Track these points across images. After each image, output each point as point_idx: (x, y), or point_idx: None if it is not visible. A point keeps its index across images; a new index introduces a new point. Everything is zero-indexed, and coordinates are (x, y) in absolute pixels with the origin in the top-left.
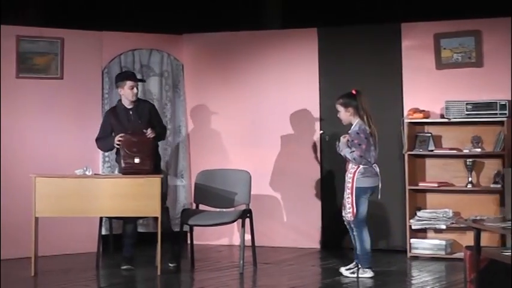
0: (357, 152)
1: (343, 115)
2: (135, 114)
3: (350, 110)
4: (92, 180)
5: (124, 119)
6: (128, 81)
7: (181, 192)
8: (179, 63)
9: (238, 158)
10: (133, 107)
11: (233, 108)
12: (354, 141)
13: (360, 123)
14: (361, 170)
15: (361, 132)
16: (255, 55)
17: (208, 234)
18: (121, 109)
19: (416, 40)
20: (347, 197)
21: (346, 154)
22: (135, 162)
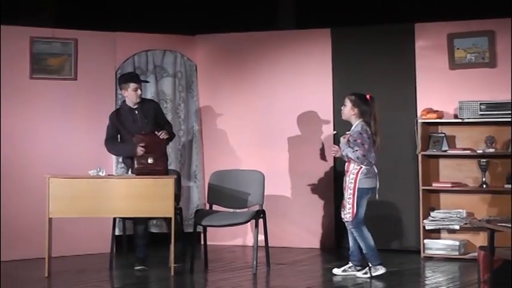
0: (360, 151)
1: (347, 111)
2: (140, 114)
3: (355, 110)
4: (105, 181)
5: (130, 120)
6: (131, 83)
7: (194, 192)
8: (192, 64)
9: (251, 159)
10: (139, 107)
11: (246, 109)
12: (356, 140)
13: (362, 124)
14: (363, 171)
15: (364, 132)
16: (268, 56)
17: (222, 235)
18: (125, 110)
19: (429, 40)
20: (348, 197)
21: (349, 154)
22: (149, 162)
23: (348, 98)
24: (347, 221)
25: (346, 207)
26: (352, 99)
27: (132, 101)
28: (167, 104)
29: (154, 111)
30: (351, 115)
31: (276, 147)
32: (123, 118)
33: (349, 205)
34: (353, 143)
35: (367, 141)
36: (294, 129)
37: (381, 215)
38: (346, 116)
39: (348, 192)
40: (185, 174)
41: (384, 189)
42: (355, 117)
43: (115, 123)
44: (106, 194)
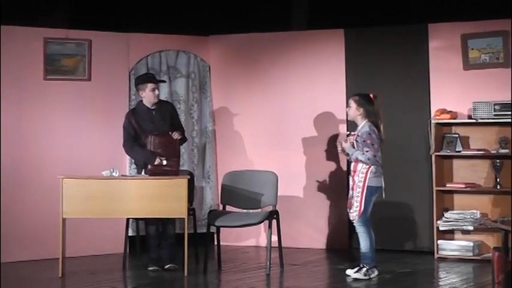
0: (371, 151)
1: (353, 112)
2: (158, 114)
3: (361, 110)
4: (118, 182)
5: (147, 120)
6: (148, 83)
7: (207, 193)
8: (206, 65)
9: (265, 159)
10: (156, 108)
11: (259, 110)
12: (366, 141)
13: (369, 124)
14: (372, 170)
15: (372, 133)
16: (281, 56)
17: (235, 236)
18: (143, 110)
19: (443, 41)
20: (356, 195)
21: (359, 157)
22: (162, 163)
23: (352, 99)
24: (353, 219)
25: (354, 205)
26: (356, 100)
27: (149, 101)
28: (180, 105)
29: (170, 113)
30: (357, 115)
31: (289, 147)
32: (140, 118)
33: (356, 203)
34: (362, 144)
35: (376, 141)
36: (307, 129)
37: (394, 216)
38: (352, 117)
39: (357, 191)
40: (198, 175)
41: (397, 189)
42: (361, 118)
43: (131, 122)
44: (119, 195)
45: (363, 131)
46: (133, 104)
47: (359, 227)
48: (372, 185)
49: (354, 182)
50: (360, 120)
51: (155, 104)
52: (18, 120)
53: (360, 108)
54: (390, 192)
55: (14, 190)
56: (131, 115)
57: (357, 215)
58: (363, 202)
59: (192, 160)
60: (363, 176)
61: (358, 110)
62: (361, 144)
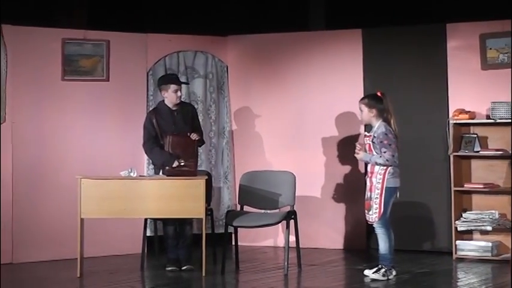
0: (389, 152)
1: (366, 115)
2: (180, 115)
3: (373, 111)
4: (136, 182)
5: (169, 121)
6: (171, 84)
7: (225, 193)
8: (223, 65)
9: (283, 160)
10: (178, 109)
11: (277, 110)
12: (383, 142)
13: (384, 124)
14: (390, 171)
15: (389, 133)
16: (299, 56)
17: (253, 236)
18: (165, 110)
19: (461, 40)
20: (375, 197)
21: (378, 161)
22: (180, 165)
23: (362, 103)
24: (372, 221)
25: (373, 207)
26: (366, 102)
27: (172, 102)
28: (198, 105)
29: (192, 115)
30: (371, 117)
31: (307, 148)
32: (161, 118)
33: (376, 205)
34: (379, 145)
35: (393, 141)
36: (325, 130)
37: (412, 216)
38: (366, 120)
39: (375, 192)
40: (216, 175)
41: (415, 190)
42: (375, 119)
43: (152, 122)
44: (137, 195)
45: (379, 131)
46: (152, 104)
47: (379, 228)
48: (390, 186)
49: (372, 184)
50: (374, 121)
51: (177, 105)
52: (36, 121)
53: (373, 109)
54: (408, 192)
55: (32, 190)
56: (153, 114)
57: (377, 217)
58: (382, 204)
59: (210, 160)
60: (380, 178)
61: (371, 111)
62: (378, 145)
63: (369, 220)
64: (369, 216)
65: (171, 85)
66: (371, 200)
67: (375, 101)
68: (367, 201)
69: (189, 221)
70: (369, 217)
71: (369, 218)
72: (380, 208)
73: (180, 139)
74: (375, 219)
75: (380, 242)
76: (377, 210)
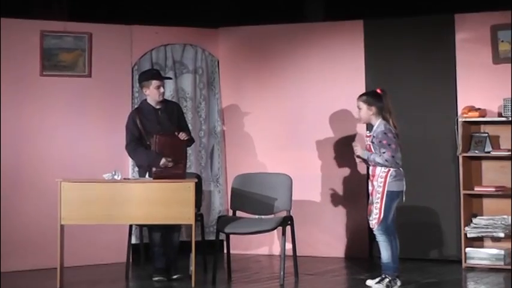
0: (388, 152)
1: (364, 113)
2: (164, 114)
3: (373, 109)
4: (121, 185)
5: (154, 121)
6: (153, 80)
7: (216, 197)
8: (214, 59)
9: (278, 161)
10: (162, 107)
11: (272, 108)
12: (382, 141)
13: (384, 123)
14: (392, 173)
15: (389, 132)
16: (296, 50)
17: (246, 243)
18: (148, 109)
19: (471, 32)
20: (376, 201)
21: (376, 159)
22: (168, 165)
23: (360, 100)
24: (372, 227)
25: (373, 212)
26: (365, 99)
27: (154, 99)
28: (187, 103)
29: (177, 113)
30: (370, 115)
31: (305, 148)
32: (145, 118)
33: (376, 210)
34: (378, 145)
35: (393, 140)
36: (323, 129)
37: (418, 222)
38: (365, 119)
39: (376, 197)
40: (206, 178)
41: (421, 193)
42: (375, 117)
43: (136, 122)
44: (122, 200)
45: (378, 130)
46: (137, 102)
47: (379, 235)
48: (392, 190)
49: (373, 187)
50: (374, 119)
51: (160, 103)
52: (13, 120)
53: (372, 107)
54: (414, 196)
55: (9, 194)
56: (135, 114)
57: (376, 222)
58: (382, 209)
59: (200, 162)
60: (382, 181)
61: (370, 109)
62: (377, 145)
63: (370, 226)
64: (370, 222)
65: (153, 81)
66: (372, 205)
67: (374, 98)
68: (370, 205)
69: (177, 228)
70: (370, 223)
71: (370, 224)
72: (380, 213)
73: (167, 139)
74: (374, 224)
75: (382, 250)
76: (376, 215)
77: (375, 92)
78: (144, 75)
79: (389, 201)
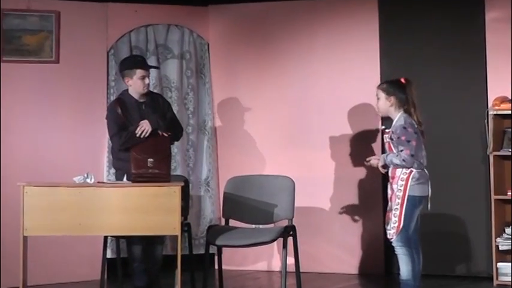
0: (406, 150)
1: (383, 104)
2: (148, 108)
3: (392, 100)
4: (94, 190)
5: (136, 115)
6: (137, 69)
7: (206, 204)
8: (204, 42)
9: (279, 161)
10: (147, 101)
11: (273, 99)
12: (400, 138)
13: (405, 117)
14: (415, 175)
15: (409, 127)
16: (300, 31)
17: (241, 258)
18: (130, 102)
19: (503, 11)
20: (395, 208)
21: (394, 160)
22: (149, 166)
23: (379, 89)
24: (390, 237)
25: (392, 221)
26: (384, 88)
27: (137, 91)
28: (172, 93)
29: (163, 107)
30: (388, 107)
31: (310, 146)
32: (127, 112)
33: (395, 218)
34: (397, 142)
35: (413, 136)
36: (332, 124)
37: (442, 232)
38: (383, 111)
39: (395, 202)
40: (195, 181)
41: (446, 199)
42: (394, 109)
43: (119, 115)
44: (95, 207)
45: (397, 125)
46: (114, 92)
47: (398, 247)
48: (414, 195)
49: (393, 191)
50: (393, 112)
51: (144, 96)
52: None
53: (391, 97)
54: (437, 202)
55: None
56: (117, 105)
57: (395, 232)
58: (402, 216)
59: (188, 163)
60: (402, 184)
61: (389, 99)
62: (396, 142)
63: (388, 237)
64: (387, 232)
65: (137, 70)
66: (390, 212)
67: (395, 87)
68: (388, 213)
69: (161, 240)
70: (388, 233)
71: (388, 235)
72: (399, 222)
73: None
74: (392, 235)
75: (401, 264)
76: (396, 224)
77: (397, 81)
78: (127, 62)
79: (411, 207)
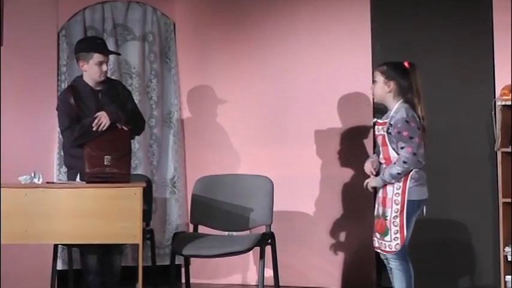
0: (408, 148)
1: (379, 89)
2: (106, 98)
3: (391, 86)
4: (42, 192)
5: (91, 105)
6: (95, 53)
7: (172, 208)
8: (169, 22)
9: (255, 159)
10: (104, 89)
11: (248, 88)
12: (402, 133)
13: (406, 107)
14: (414, 176)
15: (412, 121)
16: (280, 9)
17: (212, 270)
18: (85, 90)
19: None
20: (393, 216)
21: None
22: (105, 164)
23: (378, 71)
24: (390, 251)
25: (392, 231)
26: (384, 70)
27: (93, 78)
28: (133, 80)
29: (123, 96)
30: (386, 93)
31: (291, 142)
32: (81, 100)
33: (395, 227)
34: (396, 137)
35: (416, 132)
36: (317, 116)
37: (443, 241)
38: (379, 97)
39: (393, 209)
40: (159, 181)
41: (446, 203)
42: (392, 97)
43: (72, 106)
44: (44, 211)
45: (398, 117)
46: (65, 78)
47: (393, 261)
48: (413, 199)
49: (386, 195)
50: (391, 100)
51: (101, 84)
52: None
53: (390, 82)
54: (437, 206)
55: None
56: (69, 95)
57: (399, 244)
58: (404, 225)
59: (151, 160)
60: (400, 186)
61: (388, 84)
62: (394, 137)
63: (382, 249)
64: (384, 244)
65: (94, 54)
66: (386, 220)
67: (396, 71)
68: (378, 219)
69: (120, 249)
70: (385, 245)
71: (383, 246)
72: (402, 232)
73: (106, 130)
74: (395, 247)
75: (396, 281)
76: (397, 234)
77: (399, 64)
78: (83, 44)
79: (410, 213)
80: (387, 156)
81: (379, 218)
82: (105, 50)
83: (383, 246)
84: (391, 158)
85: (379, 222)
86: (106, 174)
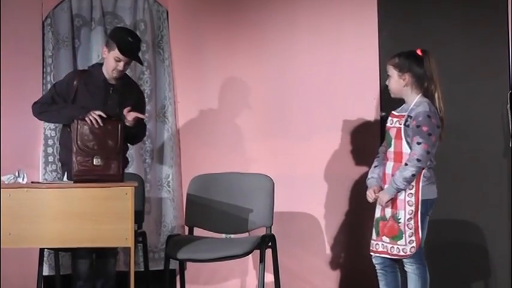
0: (424, 145)
1: (395, 83)
2: (116, 95)
3: (407, 78)
4: (27, 192)
5: (97, 96)
6: (117, 47)
7: (167, 209)
8: (162, 9)
9: (255, 157)
10: (118, 85)
11: (248, 80)
12: (421, 127)
13: (428, 102)
14: (426, 174)
15: (433, 116)
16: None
17: (209, 274)
18: (98, 80)
19: None
20: (408, 218)
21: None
22: (95, 164)
23: (391, 65)
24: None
25: (406, 234)
26: (397, 63)
27: (107, 71)
28: None
29: (136, 100)
30: (402, 87)
31: (293, 137)
32: (88, 89)
33: (410, 230)
34: (414, 131)
35: (435, 131)
36: (320, 111)
37: (455, 243)
38: (396, 92)
39: (407, 211)
40: (153, 181)
41: (458, 202)
42: (410, 90)
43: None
44: (29, 213)
45: (420, 110)
46: (50, 71)
47: (410, 264)
48: (427, 199)
49: (396, 196)
50: (409, 94)
51: (116, 80)
52: None
53: (405, 75)
54: (448, 206)
55: None
56: (76, 77)
57: (415, 247)
58: (419, 227)
59: (144, 158)
60: (413, 186)
61: (403, 77)
62: (411, 131)
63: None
64: (396, 248)
65: (116, 48)
66: (398, 223)
67: (410, 61)
68: (385, 222)
69: (114, 252)
70: (398, 249)
71: (396, 251)
72: (418, 234)
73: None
74: (411, 250)
75: (410, 284)
76: (413, 237)
77: (412, 53)
78: (116, 33)
79: (425, 214)
80: (399, 151)
81: (386, 220)
82: (126, 52)
83: (395, 250)
84: (402, 152)
85: (389, 225)
86: (96, 173)
